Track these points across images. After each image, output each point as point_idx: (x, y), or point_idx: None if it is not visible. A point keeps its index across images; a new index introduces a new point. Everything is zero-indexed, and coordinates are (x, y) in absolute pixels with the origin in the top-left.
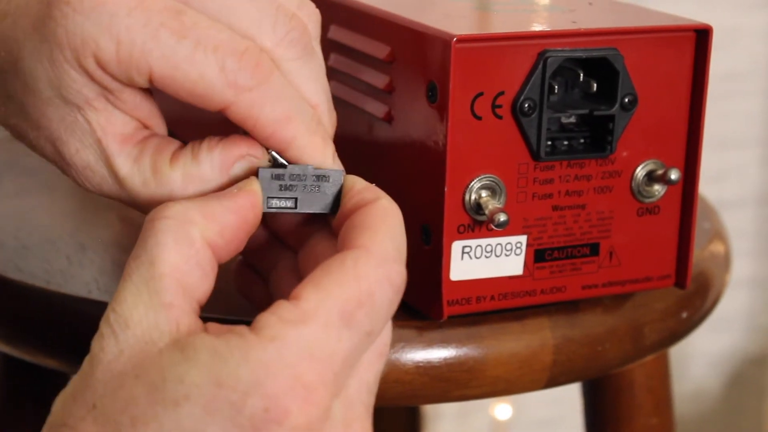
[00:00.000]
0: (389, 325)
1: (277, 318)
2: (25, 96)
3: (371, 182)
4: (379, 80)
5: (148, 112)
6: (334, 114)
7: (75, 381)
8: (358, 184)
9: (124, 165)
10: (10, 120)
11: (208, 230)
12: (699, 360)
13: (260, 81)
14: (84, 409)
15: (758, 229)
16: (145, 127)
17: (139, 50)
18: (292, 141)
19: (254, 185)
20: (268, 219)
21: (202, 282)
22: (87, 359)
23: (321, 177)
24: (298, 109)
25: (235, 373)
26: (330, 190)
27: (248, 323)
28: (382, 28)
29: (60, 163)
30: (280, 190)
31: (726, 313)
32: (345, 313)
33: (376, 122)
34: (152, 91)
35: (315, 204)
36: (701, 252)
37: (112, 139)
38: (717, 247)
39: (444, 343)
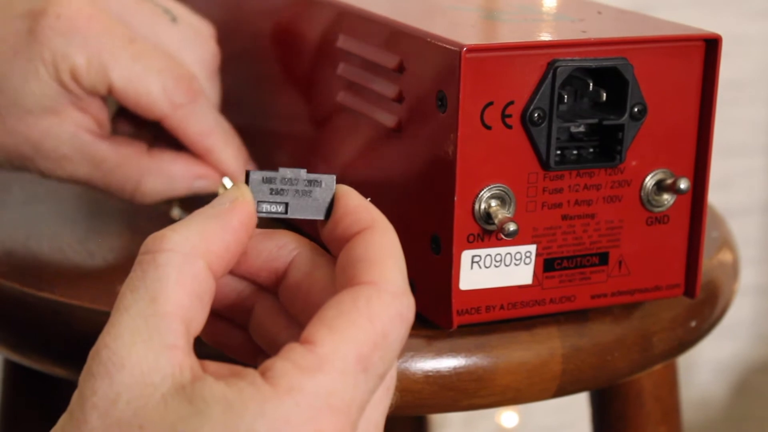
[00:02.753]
0: (395, 363)
1: (292, 365)
2: (7, 109)
3: (381, 193)
4: (388, 90)
5: (104, 116)
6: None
7: (65, 427)
8: (351, 199)
9: (102, 147)
10: None
11: (209, 256)
12: (705, 367)
13: (190, 100)
14: None
15: (764, 237)
16: (101, 127)
17: (104, 67)
18: (212, 149)
19: (246, 194)
20: (235, 265)
21: (200, 314)
22: (76, 401)
23: (313, 182)
24: (217, 124)
25: (251, 428)
26: (322, 195)
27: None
28: (391, 38)
29: (33, 159)
30: (271, 194)
31: (732, 321)
32: (362, 358)
33: (386, 131)
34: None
35: (306, 210)
36: (710, 261)
37: (85, 132)
38: (725, 256)
39: (453, 352)
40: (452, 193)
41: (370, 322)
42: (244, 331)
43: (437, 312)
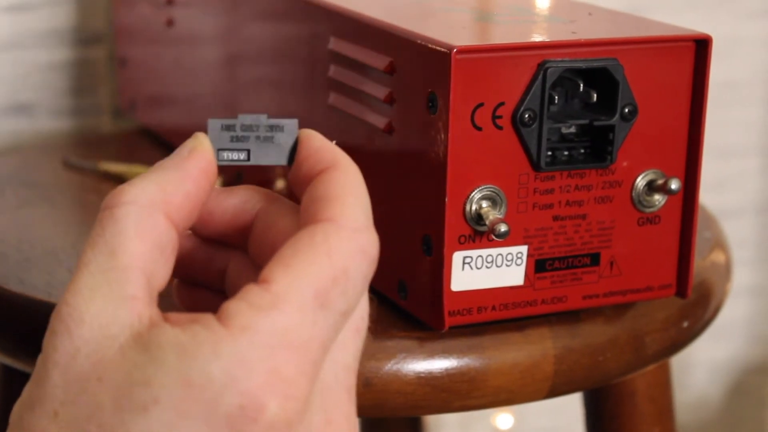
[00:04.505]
0: (365, 298)
1: (246, 304)
2: None
3: (372, 194)
4: (379, 91)
5: None
6: None
7: (30, 387)
8: (314, 141)
9: None
10: None
11: (169, 207)
12: (700, 369)
13: None
14: (45, 419)
15: (758, 238)
16: None
17: None
18: None
19: (204, 143)
20: (201, 227)
21: (163, 267)
22: (40, 360)
23: (274, 127)
24: None
25: (205, 370)
26: (284, 140)
27: None
28: (382, 39)
29: None
30: (232, 141)
31: (727, 322)
32: (319, 294)
33: (377, 133)
34: None
35: (269, 155)
36: (702, 261)
37: None
38: (718, 257)
39: (445, 353)
40: (443, 194)
41: (327, 257)
42: (223, 296)
43: (429, 313)
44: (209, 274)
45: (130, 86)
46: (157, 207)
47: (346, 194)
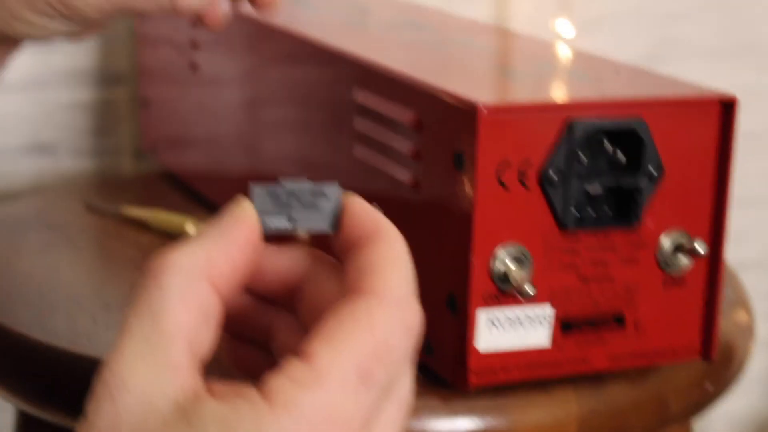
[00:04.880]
0: (408, 373)
1: (289, 380)
2: None
3: None
4: (404, 146)
5: None
6: None
7: None
8: (358, 207)
9: None
10: None
11: (214, 275)
12: (720, 420)
13: None
14: None
15: None
16: None
17: None
18: None
19: (248, 210)
20: (252, 284)
21: (207, 336)
22: (83, 426)
23: (317, 193)
24: None
25: None
26: (327, 206)
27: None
28: (407, 93)
29: None
30: (275, 207)
31: (747, 374)
32: (362, 370)
33: (402, 187)
34: None
35: (313, 221)
36: (725, 322)
37: None
38: (740, 316)
39: (469, 413)
40: (469, 252)
41: (369, 332)
42: (270, 354)
43: (453, 372)
44: (257, 330)
45: (152, 127)
46: (203, 274)
47: (389, 266)
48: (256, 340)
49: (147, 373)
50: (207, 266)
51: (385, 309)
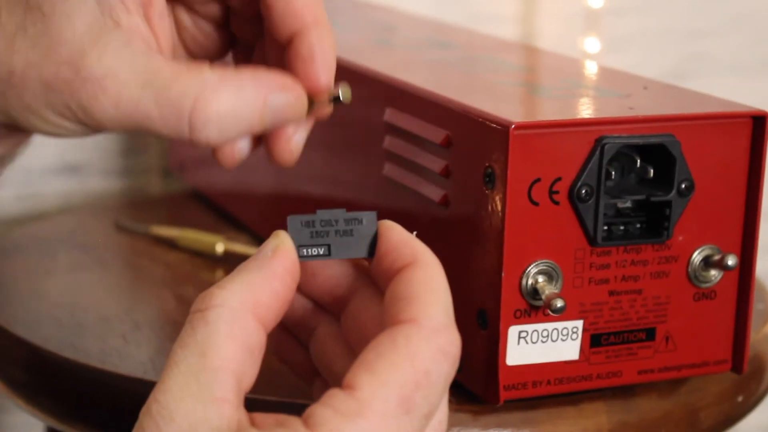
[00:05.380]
0: (445, 401)
1: (332, 411)
2: (54, 6)
3: None
4: (435, 164)
5: (166, 36)
6: None
7: None
8: (394, 234)
9: (157, 60)
10: (13, 58)
11: (258, 310)
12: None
13: None
14: None
15: None
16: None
17: None
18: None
19: (286, 242)
20: (303, 284)
21: (251, 368)
22: None
23: (353, 220)
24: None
25: None
26: (363, 233)
27: (291, 405)
28: (437, 113)
29: (71, 83)
30: (312, 237)
31: None
32: (403, 400)
33: (432, 205)
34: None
35: (350, 249)
36: (756, 334)
37: (138, 41)
38: None
39: (500, 427)
40: (500, 268)
41: (410, 362)
42: (306, 350)
43: (484, 387)
44: (299, 325)
45: (179, 147)
46: (247, 309)
47: (427, 293)
48: (298, 334)
49: (193, 406)
50: (251, 300)
51: (424, 338)
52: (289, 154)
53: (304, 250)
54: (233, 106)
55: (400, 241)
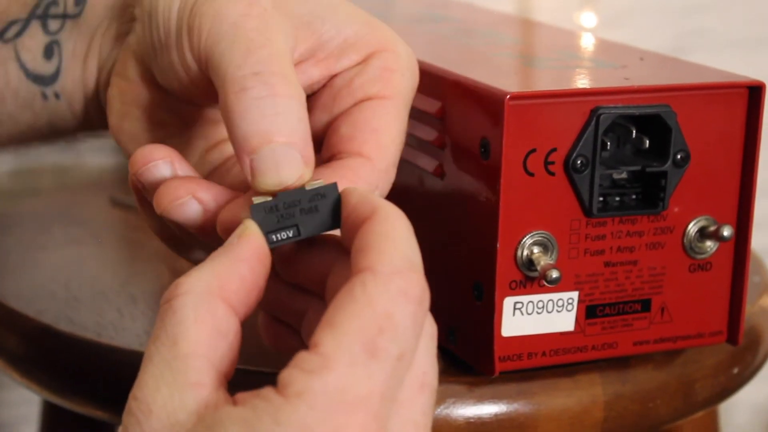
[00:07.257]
0: (427, 352)
1: (298, 370)
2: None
3: (422, 238)
4: (430, 135)
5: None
6: None
7: None
8: (352, 197)
9: None
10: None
11: (226, 293)
12: (743, 409)
13: None
14: None
15: None
16: None
17: None
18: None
19: (251, 227)
20: (284, 270)
21: (228, 351)
22: None
23: (315, 196)
24: None
25: None
26: (328, 205)
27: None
28: (433, 84)
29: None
30: (278, 221)
31: None
32: (366, 345)
33: (428, 177)
34: None
35: (317, 225)
36: (751, 307)
37: None
38: (767, 301)
39: (495, 398)
40: (495, 239)
41: (369, 308)
42: (299, 335)
43: (479, 358)
44: (292, 314)
45: None
46: (213, 293)
47: (382, 241)
48: (290, 322)
49: (170, 394)
50: (217, 285)
51: (381, 283)
52: None
53: (274, 236)
54: None
55: (359, 200)
